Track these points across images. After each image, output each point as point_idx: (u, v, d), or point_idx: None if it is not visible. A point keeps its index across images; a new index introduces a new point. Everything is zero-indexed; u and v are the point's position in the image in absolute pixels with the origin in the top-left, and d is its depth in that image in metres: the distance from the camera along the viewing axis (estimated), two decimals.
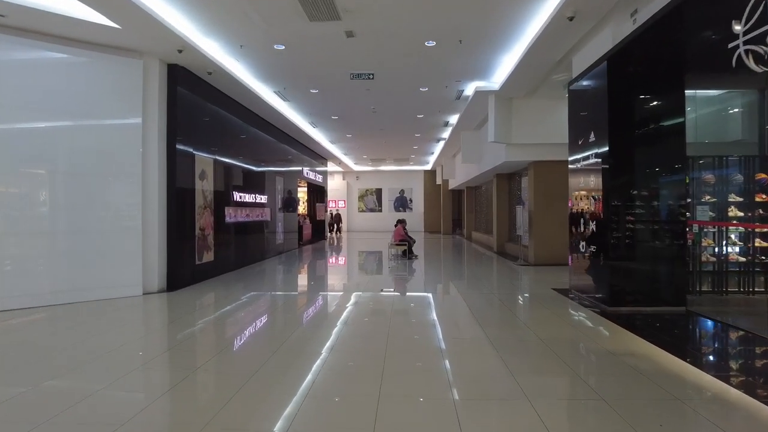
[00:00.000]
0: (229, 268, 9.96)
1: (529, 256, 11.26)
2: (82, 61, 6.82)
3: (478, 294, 7.31)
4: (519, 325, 5.31)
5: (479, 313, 5.94)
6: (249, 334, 5.06)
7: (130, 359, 4.12)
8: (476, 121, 13.15)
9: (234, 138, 10.66)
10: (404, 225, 12.79)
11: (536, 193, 10.97)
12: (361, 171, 28.00)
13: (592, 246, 6.59)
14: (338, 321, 5.48)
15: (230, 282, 8.64)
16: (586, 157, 6.78)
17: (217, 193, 9.46)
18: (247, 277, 9.26)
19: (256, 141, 12.11)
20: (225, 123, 10.10)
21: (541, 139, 10.51)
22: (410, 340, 4.72)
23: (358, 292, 7.57)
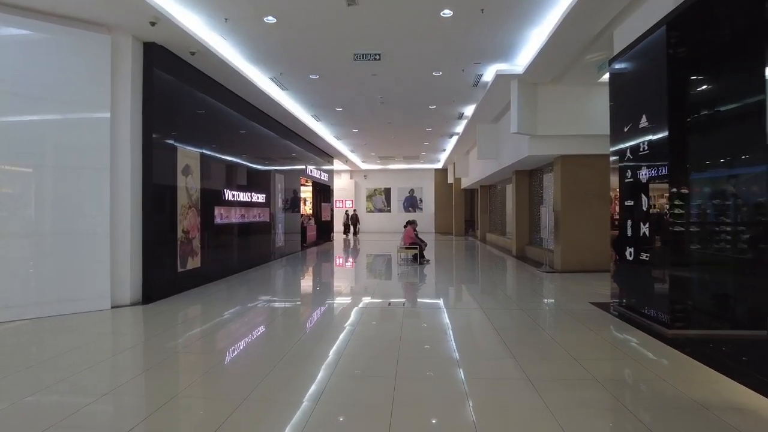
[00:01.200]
0: (219, 275, 8.93)
1: (554, 262, 10.07)
2: (37, 39, 5.81)
3: (503, 309, 6.17)
4: (562, 357, 4.17)
5: (508, 336, 4.81)
6: (226, 362, 4.00)
7: (50, 409, 3.07)
8: (494, 113, 11.98)
9: (227, 131, 9.64)
10: (415, 226, 11.68)
11: (563, 192, 9.79)
12: (369, 170, 26.92)
13: (645, 253, 5.42)
14: (332, 350, 4.39)
15: (218, 292, 7.60)
16: (636, 146, 5.60)
17: (205, 191, 8.43)
18: (238, 286, 8.21)
19: (253, 135, 11.08)
20: (215, 113, 9.07)
21: (569, 130, 9.33)
22: (423, 381, 3.61)
23: (362, 304, 6.48)
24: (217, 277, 8.86)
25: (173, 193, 7.40)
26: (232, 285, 8.28)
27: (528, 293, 7.65)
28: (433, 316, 5.74)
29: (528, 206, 13.15)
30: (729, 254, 5.23)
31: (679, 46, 4.97)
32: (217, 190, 9.13)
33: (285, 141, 13.64)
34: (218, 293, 7.47)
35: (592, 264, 9.66)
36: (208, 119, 8.77)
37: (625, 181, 5.93)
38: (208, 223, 8.66)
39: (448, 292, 7.65)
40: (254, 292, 7.61)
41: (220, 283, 8.48)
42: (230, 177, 9.79)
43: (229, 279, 8.94)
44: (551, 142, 9.56)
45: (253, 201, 10.89)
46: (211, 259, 8.68)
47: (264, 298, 7.05)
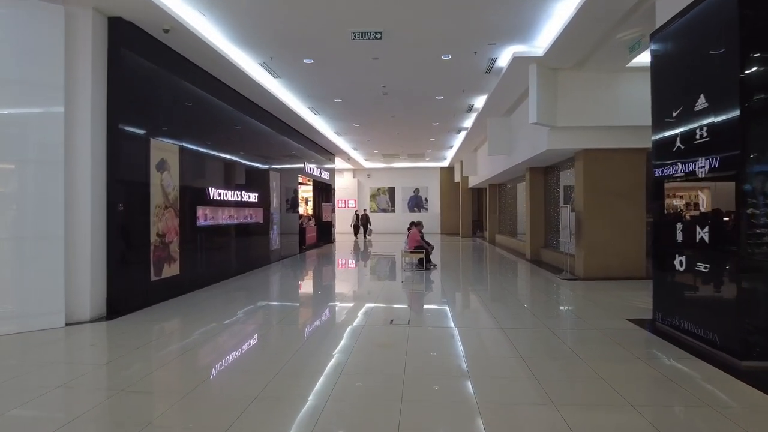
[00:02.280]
0: (202, 283, 8.01)
1: (575, 268, 9.07)
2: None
3: (526, 329, 5.20)
4: (615, 401, 3.21)
5: (540, 370, 3.84)
6: (190, 401, 3.06)
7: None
8: (507, 105, 10.99)
9: (213, 123, 8.72)
10: (420, 228, 10.72)
11: (586, 190, 8.79)
12: (372, 168, 25.97)
13: (703, 263, 4.43)
14: (313, 391, 3.44)
15: (198, 303, 6.67)
16: (689, 132, 4.61)
17: (185, 189, 7.52)
18: (221, 296, 7.29)
19: (246, 129, 10.16)
20: (199, 104, 8.16)
21: (593, 121, 8.34)
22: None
23: (359, 322, 5.53)
24: (201, 285, 7.94)
25: (145, 190, 6.48)
26: (215, 295, 7.35)
27: (552, 307, 6.66)
28: (443, 340, 4.77)
29: (543, 206, 12.15)
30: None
31: (759, 7, 3.98)
32: (201, 189, 8.21)
33: (282, 137, 12.71)
34: (197, 305, 6.54)
35: (619, 271, 8.66)
36: (191, 110, 7.85)
37: (674, 176, 4.93)
38: (190, 225, 7.75)
39: (459, 306, 6.68)
40: (236, 305, 6.68)
41: (203, 292, 7.56)
42: (217, 174, 8.87)
43: (213, 287, 8.02)
44: (573, 134, 8.56)
45: (244, 200, 9.97)
46: (193, 266, 7.76)
47: (244, 313, 6.11)
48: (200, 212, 8.17)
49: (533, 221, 12.15)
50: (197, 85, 8.02)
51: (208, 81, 8.38)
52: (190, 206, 7.79)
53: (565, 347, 4.45)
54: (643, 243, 8.72)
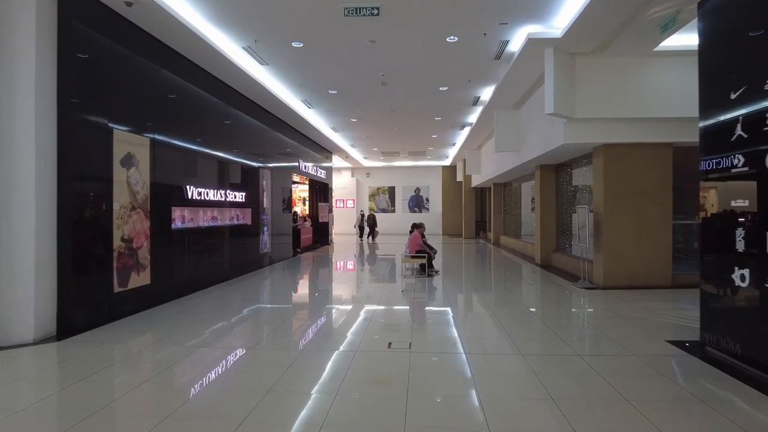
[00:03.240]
0: (178, 293, 7.16)
1: (594, 276, 8.21)
2: None
3: (553, 355, 4.33)
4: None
5: (577, 417, 2.98)
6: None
7: None
8: (516, 96, 10.13)
9: (193, 115, 7.87)
10: (422, 231, 9.85)
11: (606, 189, 7.92)
12: (371, 167, 25.10)
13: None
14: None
15: (169, 318, 5.82)
16: (757, 116, 3.75)
17: (158, 187, 6.66)
18: (196, 309, 6.43)
19: (232, 123, 9.31)
20: (176, 92, 7.30)
21: (616, 112, 7.48)
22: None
23: (350, 345, 4.68)
24: (177, 295, 7.08)
25: (107, 189, 5.62)
26: (189, 307, 6.49)
27: (576, 324, 5.79)
28: (452, 374, 3.91)
29: (555, 207, 11.28)
30: None
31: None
32: (178, 187, 7.35)
33: (274, 133, 11.85)
34: (167, 321, 5.68)
35: (643, 279, 7.80)
36: (166, 99, 7.00)
37: (732, 171, 4.06)
38: (163, 228, 6.89)
39: (467, 323, 5.80)
40: (210, 320, 5.82)
41: (178, 304, 6.70)
42: (198, 171, 8.01)
43: (191, 298, 7.16)
44: (592, 127, 7.69)
45: (229, 200, 9.11)
46: (167, 274, 6.90)
47: (216, 332, 5.25)
48: (177, 213, 7.31)
49: (544, 223, 11.28)
50: (174, 72, 7.17)
51: (187, 67, 7.52)
52: (164, 207, 6.93)
53: (604, 384, 3.58)
54: (670, 248, 7.85)
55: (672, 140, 7.72)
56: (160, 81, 6.86)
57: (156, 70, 6.75)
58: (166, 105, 7.03)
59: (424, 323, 5.64)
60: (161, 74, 6.88)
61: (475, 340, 4.81)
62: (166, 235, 6.96)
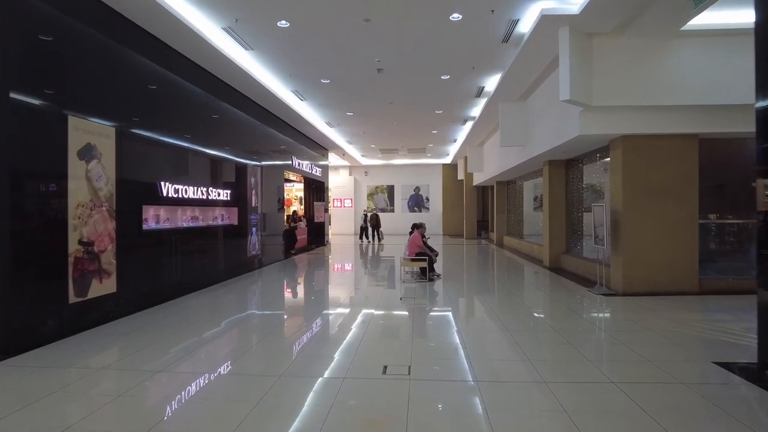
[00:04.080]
0: (150, 302, 6.41)
1: (612, 280, 7.47)
2: None
3: (581, 382, 3.59)
4: None
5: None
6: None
7: None
8: (523, 87, 9.39)
9: (171, 104, 7.13)
10: (423, 231, 9.11)
11: (625, 186, 7.18)
12: (369, 165, 24.36)
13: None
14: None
15: (133, 331, 5.08)
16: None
17: (127, 183, 5.93)
18: (168, 320, 5.68)
19: (215, 114, 8.56)
20: (149, 77, 6.56)
21: (637, 99, 6.74)
22: None
23: (337, 370, 3.95)
24: (148, 304, 6.34)
25: (61, 184, 4.88)
26: (160, 318, 5.75)
27: (602, 340, 5.03)
28: (460, 408, 3.17)
29: (564, 205, 10.54)
30: None
31: None
32: (150, 184, 6.61)
33: (265, 127, 11.10)
34: (131, 335, 4.94)
35: (666, 284, 7.07)
36: (138, 86, 6.25)
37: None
38: (133, 229, 6.15)
39: (476, 340, 5.01)
40: (180, 334, 5.08)
41: (149, 314, 5.96)
42: (176, 166, 7.28)
43: (166, 307, 6.42)
44: (611, 116, 6.96)
45: (213, 199, 8.37)
46: (137, 281, 6.16)
47: (184, 349, 4.51)
48: (150, 213, 6.57)
49: (553, 223, 10.53)
50: (147, 56, 6.42)
51: (162, 51, 6.78)
52: (134, 205, 6.19)
53: (652, 424, 2.85)
54: (696, 249, 7.12)
55: (698, 131, 6.98)
56: (129, 66, 6.12)
57: (125, 53, 6.01)
58: (138, 93, 6.29)
59: (425, 339, 4.89)
60: (131, 58, 6.13)
61: (485, 363, 4.06)
62: (137, 237, 6.22)
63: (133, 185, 6.13)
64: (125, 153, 5.89)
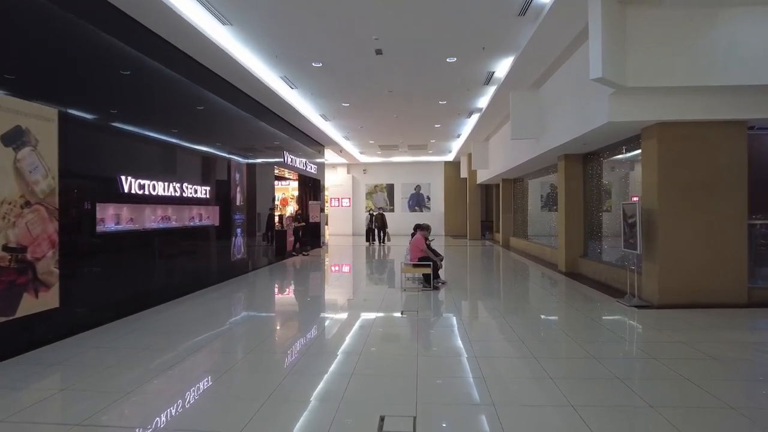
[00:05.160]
0: (105, 317, 5.43)
1: (645, 290, 6.48)
2: None
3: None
4: None
5: None
6: None
7: None
8: (538, 70, 8.41)
9: (136, 87, 6.14)
10: (426, 233, 8.12)
11: (662, 181, 6.21)
12: (368, 163, 23.37)
13: None
14: None
15: (71, 359, 4.10)
16: None
17: (75, 177, 4.96)
18: (119, 341, 4.70)
19: (193, 102, 7.59)
20: (110, 56, 5.58)
21: (677, 79, 5.75)
22: None
23: (322, 420, 2.97)
24: (103, 320, 5.36)
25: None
26: (111, 339, 4.76)
27: (657, 373, 4.02)
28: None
29: (582, 204, 9.55)
30: None
31: None
32: (108, 178, 5.63)
33: (254, 120, 10.13)
34: (64, 364, 3.96)
35: (710, 295, 6.10)
36: (92, 61, 5.26)
37: None
38: (84, 231, 5.17)
39: (498, 374, 4.01)
40: (130, 363, 4.10)
41: (100, 333, 4.98)
42: (141, 158, 6.29)
43: (126, 323, 5.44)
44: (647, 99, 5.98)
45: (188, 196, 7.39)
46: (89, 293, 5.18)
47: (129, 382, 3.53)
48: (108, 212, 5.60)
49: (569, 224, 9.55)
50: (101, 27, 5.44)
51: (120, 20, 5.79)
52: (85, 203, 5.21)
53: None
54: (745, 254, 6.14)
55: (747, 117, 6.01)
56: (81, 38, 5.13)
57: (76, 24, 5.02)
58: (93, 71, 5.31)
59: (433, 374, 3.90)
60: (83, 29, 5.15)
61: (512, 411, 3.07)
62: (89, 241, 5.24)
63: (84, 180, 5.16)
64: (74, 141, 4.92)
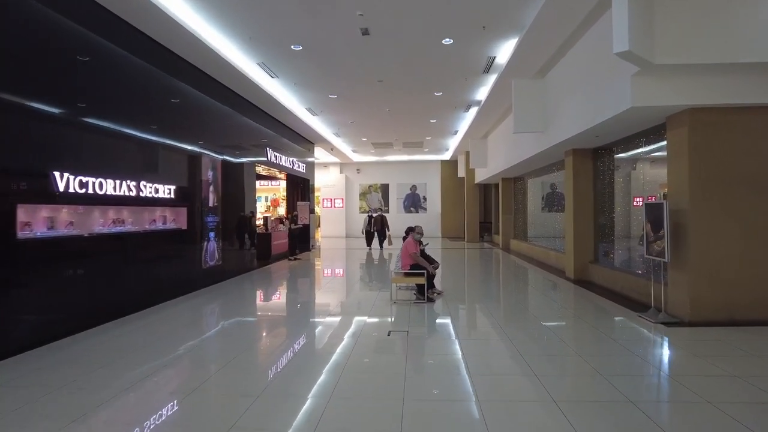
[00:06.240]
0: (25, 345, 4.48)
1: (672, 303, 5.57)
2: None
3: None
4: None
5: None
6: None
7: None
8: (546, 54, 7.52)
9: (76, 67, 5.20)
10: (418, 237, 7.17)
11: (694, 177, 5.31)
12: (362, 162, 22.43)
13: None
14: None
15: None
16: None
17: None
18: (31, 377, 3.76)
19: (157, 90, 6.64)
20: (33, 21, 4.63)
21: (717, 54, 4.84)
22: None
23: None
24: (27, 346, 4.41)
25: None
26: (13, 379, 3.82)
27: (717, 423, 3.13)
28: None
29: (592, 204, 8.65)
30: None
31: None
32: (35, 174, 4.69)
33: (234, 113, 9.20)
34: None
35: (752, 310, 5.21)
36: (11, 31, 4.32)
37: None
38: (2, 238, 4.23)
39: (509, 422, 3.13)
40: (40, 413, 3.17)
41: (16, 365, 4.04)
42: (83, 152, 5.34)
43: (54, 350, 4.50)
44: (676, 80, 5.09)
45: (146, 196, 6.44)
46: (12, 312, 4.23)
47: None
48: (36, 215, 4.65)
49: (578, 226, 8.64)
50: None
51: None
52: (1, 205, 4.27)
53: None
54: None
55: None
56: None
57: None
58: (15, 44, 4.37)
59: (425, 428, 2.97)
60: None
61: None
62: (4, 251, 4.30)
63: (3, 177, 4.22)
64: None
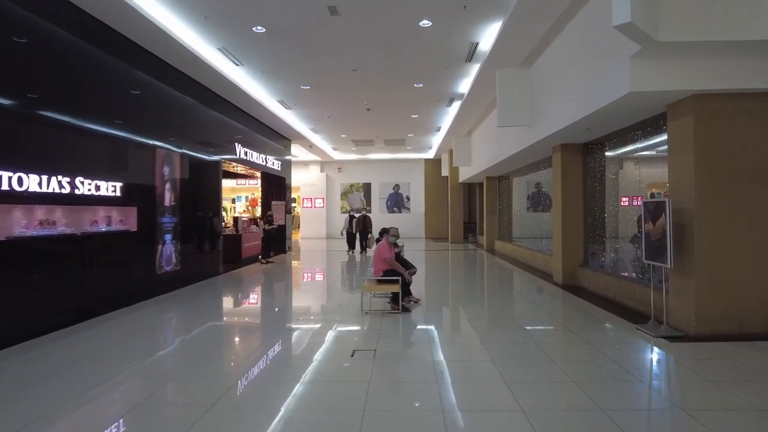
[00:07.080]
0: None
1: (674, 314, 4.98)
2: None
3: None
4: None
5: None
6: None
7: None
8: (533, 39, 6.91)
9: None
10: (394, 239, 6.46)
11: (699, 172, 4.72)
12: (343, 160, 21.68)
13: None
14: None
15: None
16: None
17: None
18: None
19: (99, 75, 5.83)
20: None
21: (726, 32, 4.25)
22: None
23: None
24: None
25: None
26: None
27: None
28: None
29: (582, 203, 8.07)
30: None
31: None
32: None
33: (197, 105, 8.41)
34: None
35: (766, 321, 4.63)
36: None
37: None
38: None
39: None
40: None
41: None
42: (6, 143, 4.53)
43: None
44: (679, 63, 4.50)
45: (85, 194, 5.63)
46: None
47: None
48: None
49: (567, 227, 8.05)
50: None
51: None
52: None
53: None
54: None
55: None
56: None
57: None
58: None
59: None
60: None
61: None
62: None
63: None
64: None
